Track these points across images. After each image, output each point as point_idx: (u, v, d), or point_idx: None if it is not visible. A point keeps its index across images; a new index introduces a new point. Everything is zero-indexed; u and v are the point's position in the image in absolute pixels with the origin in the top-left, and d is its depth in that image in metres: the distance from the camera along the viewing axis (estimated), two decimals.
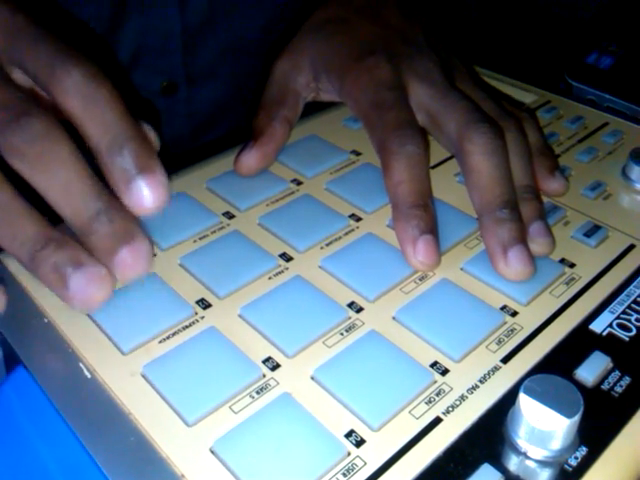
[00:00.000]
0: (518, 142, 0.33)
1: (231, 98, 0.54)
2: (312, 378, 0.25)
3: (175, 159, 0.39)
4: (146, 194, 0.25)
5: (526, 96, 0.44)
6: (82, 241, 0.25)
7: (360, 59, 0.37)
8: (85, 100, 0.25)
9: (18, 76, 0.28)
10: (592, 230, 0.32)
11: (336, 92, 0.38)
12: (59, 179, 0.24)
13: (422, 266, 0.30)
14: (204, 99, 0.52)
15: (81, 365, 0.25)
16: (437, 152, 0.38)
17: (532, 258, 0.29)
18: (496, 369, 0.25)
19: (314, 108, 0.41)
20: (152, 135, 0.28)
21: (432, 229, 0.30)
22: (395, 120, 0.33)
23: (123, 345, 0.26)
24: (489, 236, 0.30)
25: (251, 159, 0.35)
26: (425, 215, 0.30)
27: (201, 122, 0.53)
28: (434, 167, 0.36)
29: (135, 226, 0.25)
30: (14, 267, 0.29)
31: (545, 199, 0.34)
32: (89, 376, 0.25)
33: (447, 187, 0.35)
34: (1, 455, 0.27)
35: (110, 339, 0.26)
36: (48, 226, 0.25)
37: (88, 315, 0.27)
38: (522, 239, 0.29)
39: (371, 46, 0.37)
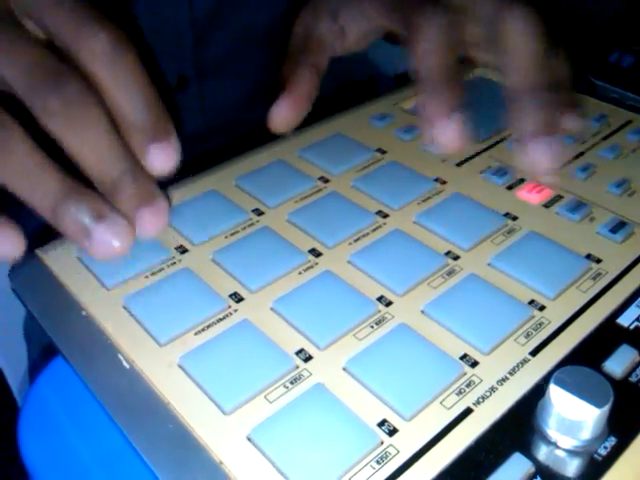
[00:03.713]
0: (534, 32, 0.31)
1: (243, 92, 0.54)
2: (344, 369, 0.25)
3: (196, 160, 0.40)
4: (160, 157, 0.26)
5: None
6: (106, 198, 0.26)
7: None
8: (111, 65, 0.26)
9: (30, 27, 0.28)
10: (618, 226, 0.32)
11: (352, 7, 0.36)
12: (91, 141, 0.25)
13: (447, 147, 0.29)
14: (216, 93, 0.52)
15: (120, 356, 0.26)
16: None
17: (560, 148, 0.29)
18: (525, 361, 0.26)
19: (339, 107, 0.42)
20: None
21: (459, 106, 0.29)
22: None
23: (160, 337, 0.27)
24: (526, 117, 0.29)
25: (284, 109, 0.33)
26: (455, 91, 0.30)
27: (215, 118, 0.53)
28: (460, 164, 0.37)
29: (155, 186, 0.26)
30: (51, 261, 0.30)
31: (570, 196, 0.34)
32: (128, 367, 0.26)
33: (473, 184, 0.35)
34: (40, 442, 0.28)
35: (147, 331, 0.27)
36: (69, 178, 0.26)
37: (125, 308, 0.28)
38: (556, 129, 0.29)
39: None
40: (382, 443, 0.23)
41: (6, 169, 0.25)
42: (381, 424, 0.23)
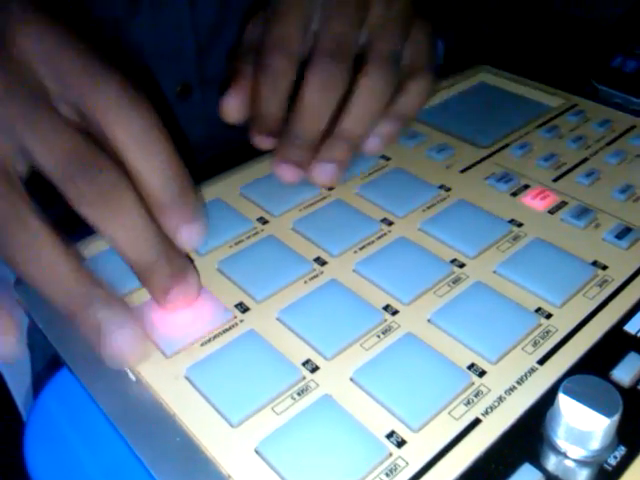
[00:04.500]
0: (371, 89, 0.33)
1: None
2: (351, 380, 0.25)
3: (200, 168, 0.40)
4: (189, 236, 0.28)
5: (552, 100, 0.44)
6: (141, 279, 0.27)
7: None
8: (143, 151, 0.27)
9: (64, 111, 0.28)
10: (623, 232, 0.32)
11: None
12: (125, 228, 0.26)
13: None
14: (219, 101, 0.52)
15: (125, 368, 0.26)
16: (467, 157, 0.38)
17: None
18: (533, 370, 0.25)
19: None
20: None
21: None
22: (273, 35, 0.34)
23: (166, 348, 0.27)
24: (278, 151, 0.33)
25: (230, 101, 0.35)
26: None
27: (217, 126, 0.54)
28: (464, 171, 0.37)
29: (186, 263, 0.28)
30: None
31: (575, 202, 0.34)
32: (134, 379, 0.26)
33: (477, 190, 0.35)
34: (46, 455, 0.28)
35: (153, 342, 0.27)
36: (80, 268, 0.26)
37: None
38: (301, 163, 0.33)
39: None
40: (391, 455, 0.23)
41: (17, 256, 0.26)
42: (389, 435, 0.23)
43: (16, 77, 0.27)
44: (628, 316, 0.28)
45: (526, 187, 0.36)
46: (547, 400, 0.24)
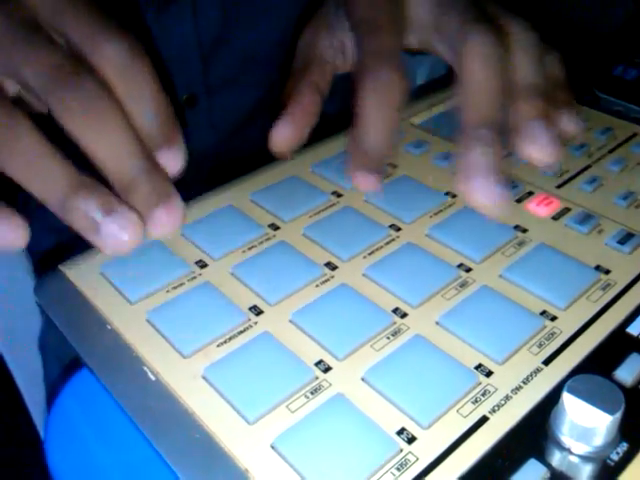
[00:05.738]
0: (530, 40, 0.31)
1: (252, 107, 0.55)
2: (362, 379, 0.26)
3: (210, 176, 0.40)
4: (167, 161, 0.27)
5: None
6: (122, 194, 0.26)
7: None
8: (124, 73, 0.26)
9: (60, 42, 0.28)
10: (626, 237, 0.33)
11: (342, 17, 0.36)
12: (108, 138, 0.25)
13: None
14: (225, 109, 0.53)
15: (145, 368, 0.27)
16: None
17: (498, 190, 0.28)
18: (538, 371, 0.26)
19: (349, 123, 0.43)
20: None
21: None
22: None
23: (184, 349, 0.27)
24: (465, 153, 0.28)
25: (284, 129, 0.33)
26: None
27: (224, 133, 0.54)
28: None
29: (171, 186, 0.26)
30: (75, 277, 0.31)
31: (578, 208, 0.35)
32: (153, 379, 0.27)
33: None
34: (67, 454, 0.29)
35: (171, 344, 0.28)
36: (78, 172, 0.25)
37: (148, 321, 0.29)
38: (494, 167, 0.28)
39: None
40: (401, 451, 0.23)
41: (12, 159, 0.25)
42: (400, 432, 0.24)
43: (15, 14, 0.27)
44: (630, 318, 0.29)
45: (530, 194, 0.37)
46: (552, 399, 0.25)
